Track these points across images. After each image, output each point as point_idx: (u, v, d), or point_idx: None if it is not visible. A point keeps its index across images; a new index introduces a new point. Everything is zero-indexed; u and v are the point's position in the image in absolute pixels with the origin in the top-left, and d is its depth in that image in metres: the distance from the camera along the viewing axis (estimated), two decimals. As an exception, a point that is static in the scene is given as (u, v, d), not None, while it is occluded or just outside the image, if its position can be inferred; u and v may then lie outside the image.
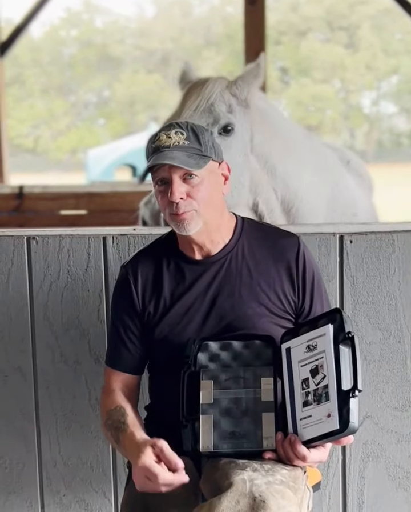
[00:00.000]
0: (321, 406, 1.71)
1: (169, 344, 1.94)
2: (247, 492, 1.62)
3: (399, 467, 2.35)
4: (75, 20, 35.72)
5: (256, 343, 1.89)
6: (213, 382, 1.85)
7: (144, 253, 2.05)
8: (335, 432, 1.67)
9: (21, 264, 2.39)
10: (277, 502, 1.61)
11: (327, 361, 1.74)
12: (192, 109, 2.64)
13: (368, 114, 35.77)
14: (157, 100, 32.86)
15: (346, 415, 1.66)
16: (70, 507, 2.46)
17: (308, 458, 1.73)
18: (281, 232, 2.03)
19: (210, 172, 1.89)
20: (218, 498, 1.63)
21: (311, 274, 1.96)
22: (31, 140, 33.08)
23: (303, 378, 1.78)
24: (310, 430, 1.72)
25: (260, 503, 1.60)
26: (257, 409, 1.81)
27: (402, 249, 2.28)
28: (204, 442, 1.80)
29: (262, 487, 1.63)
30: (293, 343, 1.84)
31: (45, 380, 2.42)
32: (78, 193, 6.36)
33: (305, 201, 2.94)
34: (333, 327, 1.77)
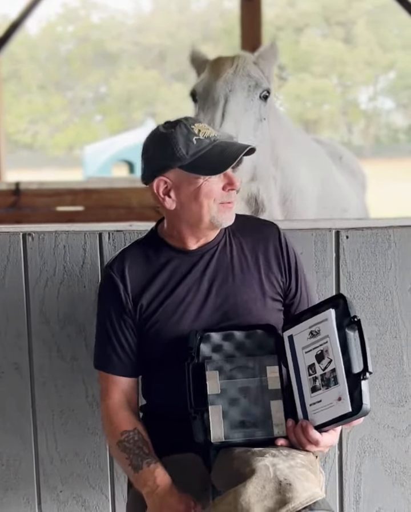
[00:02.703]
0: (330, 390, 1.72)
1: (166, 336, 1.93)
2: (272, 476, 1.63)
3: (396, 462, 2.35)
4: (71, 16, 35.67)
5: (257, 333, 1.90)
6: (218, 372, 1.85)
7: (128, 251, 2.03)
8: (348, 415, 1.68)
9: (17, 260, 2.38)
10: (302, 484, 1.62)
11: (332, 345, 1.75)
12: (230, 72, 2.59)
13: (365, 109, 35.78)
14: (154, 96, 32.86)
15: (357, 397, 1.67)
16: (67, 503, 2.46)
17: (321, 442, 1.74)
18: (260, 221, 2.11)
19: None
20: (243, 485, 1.63)
21: (294, 257, 2.01)
22: (28, 136, 33.06)
23: (309, 364, 1.79)
24: (321, 415, 1.73)
25: (286, 486, 1.61)
26: (265, 397, 1.82)
27: (398, 244, 2.28)
28: (215, 432, 1.80)
29: (285, 471, 1.64)
30: (295, 330, 1.85)
31: (42, 377, 2.42)
32: (75, 189, 6.36)
33: (299, 195, 2.95)
34: (334, 312, 1.78)
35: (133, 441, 1.87)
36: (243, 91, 2.56)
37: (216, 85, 2.57)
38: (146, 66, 34.15)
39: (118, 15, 36.61)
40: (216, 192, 1.87)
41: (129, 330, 1.97)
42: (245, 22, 6.90)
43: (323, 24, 33.33)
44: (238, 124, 2.45)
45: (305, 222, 2.39)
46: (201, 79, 2.69)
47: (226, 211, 1.90)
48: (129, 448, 1.87)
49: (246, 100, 2.55)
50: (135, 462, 1.85)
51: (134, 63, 34.18)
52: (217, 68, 2.63)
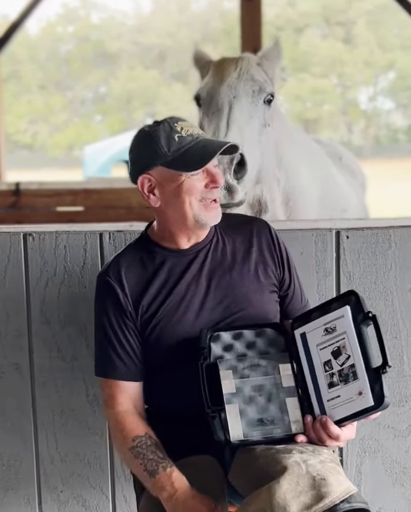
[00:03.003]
0: (349, 385, 1.74)
1: (169, 336, 1.93)
2: (304, 472, 1.63)
3: (396, 462, 2.36)
4: (71, 16, 35.67)
5: (267, 331, 1.91)
6: (231, 371, 1.86)
7: (122, 256, 2.02)
8: (371, 408, 1.70)
9: (18, 260, 2.38)
10: (336, 478, 1.63)
11: (350, 341, 1.76)
12: (234, 76, 2.59)
13: (365, 109, 35.78)
14: (154, 96, 32.85)
15: (379, 391, 1.69)
16: (67, 503, 2.46)
17: (342, 436, 1.76)
18: (249, 217, 2.16)
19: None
20: (277, 482, 1.62)
21: (285, 249, 2.05)
22: (28, 136, 33.06)
23: (325, 360, 1.80)
24: (340, 410, 1.75)
25: (320, 481, 1.61)
26: (280, 395, 1.83)
27: (399, 244, 2.28)
28: (233, 431, 1.80)
29: (317, 466, 1.65)
30: (307, 328, 1.86)
31: (42, 377, 2.42)
32: (75, 189, 6.37)
33: (301, 195, 2.95)
34: (350, 308, 1.80)
35: (146, 446, 1.85)
36: (247, 96, 2.55)
37: (220, 90, 2.56)
38: (146, 66, 34.14)
39: (118, 15, 36.61)
40: (197, 189, 1.88)
41: (131, 334, 1.95)
42: (245, 22, 6.90)
43: (323, 25, 33.33)
44: (243, 132, 2.45)
45: (305, 222, 2.39)
46: (205, 83, 2.68)
47: (210, 210, 1.90)
48: (143, 454, 1.84)
49: (251, 106, 2.54)
50: (150, 467, 1.82)
51: (134, 63, 34.17)
52: (220, 72, 2.62)
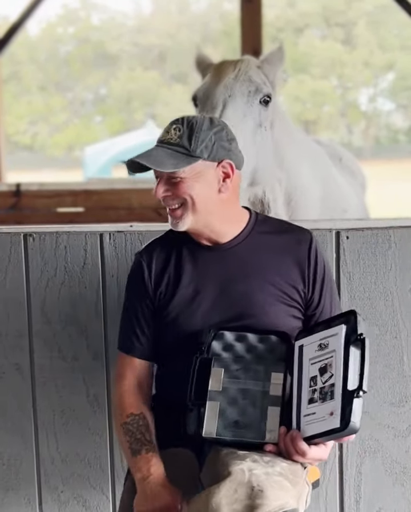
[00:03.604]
0: (325, 404, 1.73)
1: (179, 327, 1.96)
2: (246, 481, 1.64)
3: (396, 462, 2.36)
4: (71, 17, 35.65)
5: (271, 338, 1.91)
6: (223, 370, 1.87)
7: (158, 240, 2.09)
8: (336, 430, 1.69)
9: (18, 261, 2.39)
10: (275, 493, 1.62)
11: (336, 360, 1.75)
12: (231, 77, 2.59)
13: (365, 110, 35.78)
14: (154, 97, 32.84)
15: (348, 414, 1.68)
16: (68, 503, 2.47)
17: (308, 453, 1.74)
18: (294, 227, 2.06)
19: (197, 173, 1.89)
20: (217, 486, 1.64)
21: (322, 269, 1.99)
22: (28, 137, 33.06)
23: (312, 376, 1.79)
24: (312, 427, 1.74)
25: (257, 493, 1.61)
26: (264, 402, 1.83)
27: (399, 245, 2.29)
28: (208, 427, 1.81)
29: (261, 477, 1.65)
30: (306, 340, 1.86)
31: (43, 377, 2.42)
32: (75, 190, 6.36)
33: (303, 195, 2.95)
34: (346, 328, 1.78)
35: (137, 425, 1.90)
36: (242, 96, 2.55)
37: (215, 90, 2.57)
38: (146, 67, 34.13)
39: (118, 16, 36.59)
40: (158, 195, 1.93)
41: (149, 313, 2.01)
42: (245, 23, 6.90)
43: (323, 25, 33.33)
44: (235, 130, 2.45)
45: (305, 222, 2.39)
46: (202, 84, 2.69)
47: (169, 214, 1.94)
48: (132, 432, 1.90)
49: (246, 106, 2.54)
50: (134, 446, 1.88)
51: (134, 64, 34.15)
52: (219, 73, 2.63)
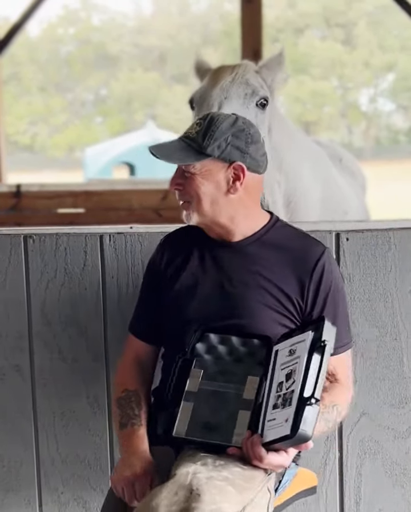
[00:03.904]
0: (284, 410, 1.72)
1: (174, 314, 2.00)
2: (187, 484, 1.67)
3: (396, 464, 2.36)
4: (72, 18, 35.68)
5: (253, 342, 1.90)
6: (203, 371, 1.89)
7: (184, 229, 2.13)
8: (287, 437, 1.68)
9: (19, 262, 2.39)
10: (212, 497, 1.63)
11: (299, 367, 1.74)
12: (228, 80, 2.60)
13: (366, 111, 35.79)
14: (154, 98, 32.87)
15: (298, 422, 1.66)
16: (68, 504, 2.47)
17: (265, 459, 1.73)
18: (310, 239, 2.03)
19: (206, 171, 1.90)
20: (160, 487, 1.69)
21: (327, 287, 1.95)
22: (28, 138, 33.07)
23: (280, 381, 1.78)
24: (271, 432, 1.73)
25: (195, 496, 1.63)
26: (236, 405, 1.83)
27: (398, 246, 2.29)
28: (179, 427, 1.84)
29: (202, 481, 1.67)
30: (282, 345, 1.85)
31: (43, 378, 2.42)
32: (75, 191, 6.37)
33: (302, 197, 2.95)
34: (313, 334, 1.77)
35: (129, 401, 1.97)
36: (238, 98, 2.56)
37: (212, 92, 2.58)
38: (146, 68, 34.15)
39: (118, 17, 36.62)
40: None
41: (155, 297, 2.06)
42: (246, 23, 6.90)
43: (324, 26, 33.34)
44: None
45: (305, 224, 2.39)
46: (200, 87, 2.70)
47: (182, 208, 1.97)
48: (123, 406, 1.97)
49: (241, 108, 2.55)
50: (123, 420, 1.95)
51: (134, 64, 34.18)
52: (216, 76, 2.65)
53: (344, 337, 1.99)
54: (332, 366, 1.93)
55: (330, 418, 1.87)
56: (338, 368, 1.97)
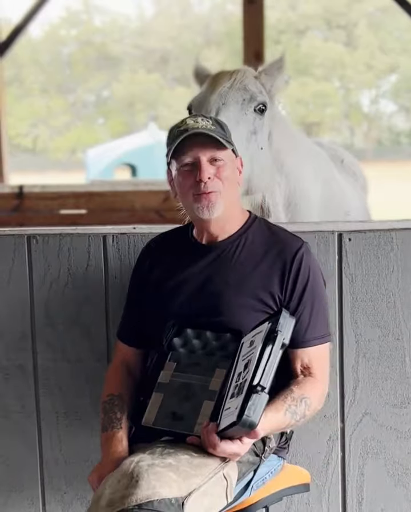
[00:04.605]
0: (237, 398, 1.76)
1: (154, 316, 2.04)
2: (129, 472, 1.72)
3: (399, 464, 2.36)
4: (74, 19, 35.71)
5: (226, 336, 1.96)
6: (176, 364, 1.96)
7: (167, 233, 2.21)
8: (234, 423, 1.71)
9: (22, 263, 2.40)
10: (149, 482, 1.67)
11: (253, 357, 1.78)
12: (226, 86, 2.61)
13: (367, 112, 35.78)
14: (156, 100, 32.87)
15: (244, 408, 1.70)
16: (71, 504, 2.47)
17: (218, 447, 1.76)
18: (288, 235, 2.08)
19: (231, 160, 2.01)
20: (108, 476, 1.76)
21: (304, 279, 1.99)
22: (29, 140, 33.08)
23: (239, 372, 1.83)
24: (225, 421, 1.77)
25: (134, 483, 1.68)
26: (201, 396, 1.89)
27: (401, 247, 2.29)
28: (148, 416, 1.92)
29: (142, 468, 1.71)
30: (246, 338, 1.90)
31: (46, 378, 2.43)
32: (78, 192, 6.39)
33: (302, 198, 2.96)
34: (270, 325, 1.81)
35: (113, 405, 2.02)
36: (236, 104, 2.57)
37: (210, 98, 2.59)
38: (148, 69, 34.16)
39: (120, 19, 36.63)
40: (187, 183, 1.97)
41: (139, 302, 2.11)
42: (248, 25, 6.92)
43: (325, 27, 33.35)
44: None
45: (307, 225, 2.40)
46: (198, 93, 2.72)
47: (199, 204, 1.97)
48: (107, 410, 2.03)
49: (240, 113, 2.56)
50: (105, 423, 2.01)
51: (136, 66, 34.20)
52: (214, 82, 2.67)
53: (320, 329, 2.01)
54: (307, 358, 1.97)
55: (298, 411, 1.89)
56: (313, 362, 1.99)
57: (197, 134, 1.95)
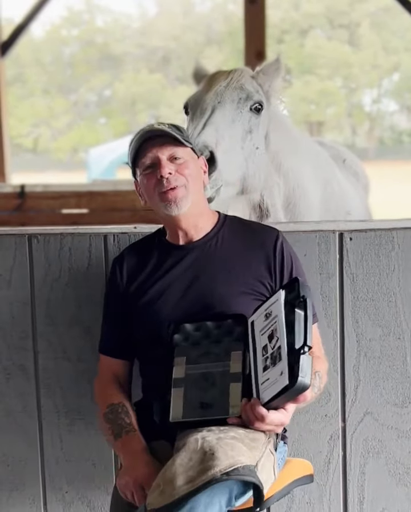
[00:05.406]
0: (276, 367, 1.77)
1: (148, 322, 2.05)
2: (198, 448, 1.70)
3: (400, 463, 2.36)
4: (76, 19, 35.72)
5: (227, 322, 1.98)
6: (185, 358, 1.95)
7: (133, 245, 2.22)
8: (286, 388, 1.72)
9: (23, 262, 2.40)
10: (225, 452, 1.67)
11: (279, 324, 1.80)
12: (223, 85, 2.62)
13: (369, 111, 35.75)
14: (158, 99, 32.88)
15: (296, 371, 1.71)
16: (72, 503, 2.47)
17: (267, 417, 1.77)
18: (262, 226, 2.19)
19: (192, 158, 2.06)
20: (173, 459, 1.71)
21: (289, 263, 2.07)
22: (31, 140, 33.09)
23: (263, 345, 1.84)
24: (268, 392, 1.77)
25: (210, 456, 1.66)
26: (225, 380, 1.89)
27: (402, 246, 2.29)
28: (174, 413, 1.89)
29: (212, 442, 1.70)
30: (255, 315, 1.92)
31: (48, 378, 2.43)
32: (79, 192, 6.38)
33: (302, 198, 2.96)
34: (284, 292, 1.84)
35: (117, 413, 2.01)
36: (232, 103, 2.57)
37: (206, 97, 2.59)
38: (150, 69, 34.15)
39: (122, 18, 36.64)
40: (151, 183, 2.01)
41: (121, 315, 2.11)
42: (249, 24, 6.91)
43: (327, 27, 33.33)
44: (220, 134, 2.46)
45: (308, 224, 2.40)
46: (195, 92, 2.72)
47: (165, 202, 1.99)
48: (112, 419, 2.01)
49: (235, 112, 2.56)
50: (116, 430, 1.98)
51: (138, 66, 34.20)
52: (211, 82, 2.67)
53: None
54: None
55: (316, 384, 1.94)
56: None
57: (153, 137, 2.00)
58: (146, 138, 2.01)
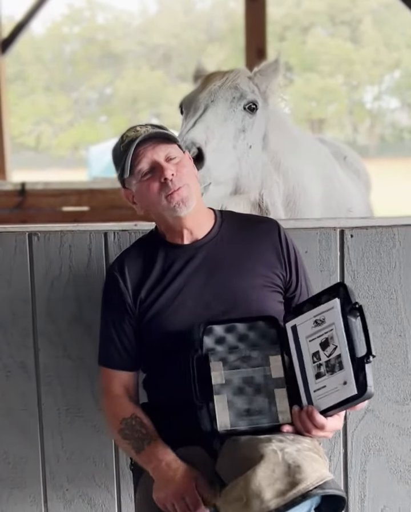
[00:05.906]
0: (335, 376, 1.76)
1: (164, 329, 1.98)
2: (280, 460, 1.65)
3: (401, 461, 2.36)
4: (76, 16, 35.69)
5: (259, 324, 1.94)
6: (222, 363, 1.89)
7: (128, 251, 2.13)
8: (354, 397, 1.72)
9: (23, 260, 2.40)
10: (311, 465, 1.64)
11: (337, 332, 1.79)
12: (217, 84, 2.62)
13: (370, 108, 35.73)
14: (159, 97, 32.83)
15: (362, 380, 1.71)
16: (73, 501, 2.47)
17: (327, 426, 1.77)
18: (260, 217, 2.23)
19: (183, 155, 2.02)
20: (253, 470, 1.65)
21: (293, 252, 2.08)
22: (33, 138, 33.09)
23: (314, 352, 1.82)
24: (326, 400, 1.77)
25: (295, 469, 1.63)
26: (268, 386, 1.86)
27: (403, 243, 2.29)
28: (221, 421, 1.82)
29: (293, 454, 1.67)
30: (298, 320, 1.89)
31: (48, 376, 2.43)
32: (80, 189, 6.37)
33: (302, 195, 2.95)
34: (340, 301, 1.82)
35: (132, 427, 1.95)
36: (225, 101, 2.57)
37: (199, 95, 2.59)
38: (151, 67, 34.13)
39: (123, 16, 36.61)
40: (154, 188, 1.96)
41: (128, 325, 2.04)
42: (250, 22, 6.91)
43: (329, 24, 33.29)
44: (210, 131, 2.45)
45: (309, 221, 2.40)
46: (190, 92, 2.72)
47: (172, 203, 1.95)
48: (129, 435, 1.95)
49: (228, 111, 2.55)
50: (136, 444, 1.93)
51: (139, 63, 34.17)
52: (206, 81, 2.68)
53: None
54: None
55: None
56: None
57: (140, 142, 1.95)
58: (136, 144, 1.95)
